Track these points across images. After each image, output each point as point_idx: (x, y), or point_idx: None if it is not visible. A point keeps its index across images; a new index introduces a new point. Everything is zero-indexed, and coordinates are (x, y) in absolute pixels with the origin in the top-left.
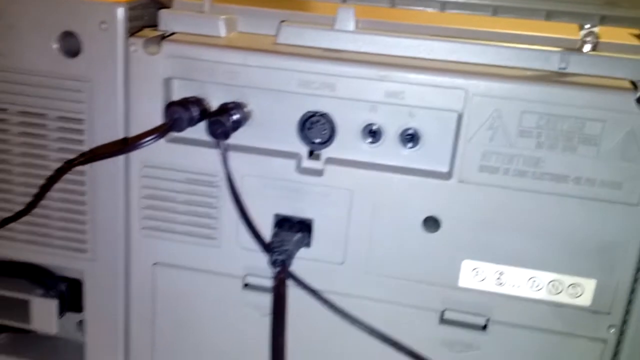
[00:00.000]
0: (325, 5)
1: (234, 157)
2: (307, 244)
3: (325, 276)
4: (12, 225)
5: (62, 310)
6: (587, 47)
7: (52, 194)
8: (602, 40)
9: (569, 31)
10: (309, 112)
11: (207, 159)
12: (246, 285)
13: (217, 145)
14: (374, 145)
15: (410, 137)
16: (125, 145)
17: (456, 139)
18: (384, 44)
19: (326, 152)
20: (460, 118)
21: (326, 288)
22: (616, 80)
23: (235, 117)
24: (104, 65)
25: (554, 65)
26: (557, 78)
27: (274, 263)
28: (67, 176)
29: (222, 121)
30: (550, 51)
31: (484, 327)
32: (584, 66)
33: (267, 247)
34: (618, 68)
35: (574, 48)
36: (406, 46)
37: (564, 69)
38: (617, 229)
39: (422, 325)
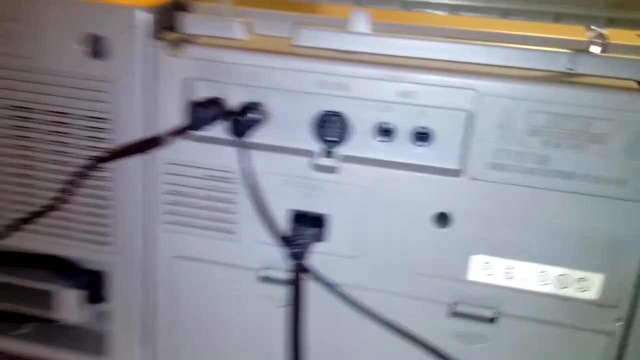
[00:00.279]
0: (339, 8)
1: (253, 155)
2: (322, 239)
3: (339, 269)
4: (39, 219)
5: (86, 301)
6: (594, 49)
7: (79, 189)
8: (609, 41)
9: (576, 33)
10: (324, 111)
11: (227, 156)
12: (262, 277)
13: (236, 144)
14: (386, 143)
15: (422, 136)
16: (149, 143)
17: (466, 138)
18: (397, 45)
19: (341, 150)
20: (470, 117)
21: (340, 281)
22: (623, 80)
23: (254, 116)
24: (128, 66)
25: (562, 66)
26: (565, 79)
27: (290, 256)
28: (93, 172)
29: (242, 120)
30: (559, 52)
31: (493, 320)
32: (591, 67)
33: (284, 241)
34: (625, 69)
35: (581, 49)
36: (418, 47)
37: (572, 69)
38: (623, 225)
39: (432, 318)
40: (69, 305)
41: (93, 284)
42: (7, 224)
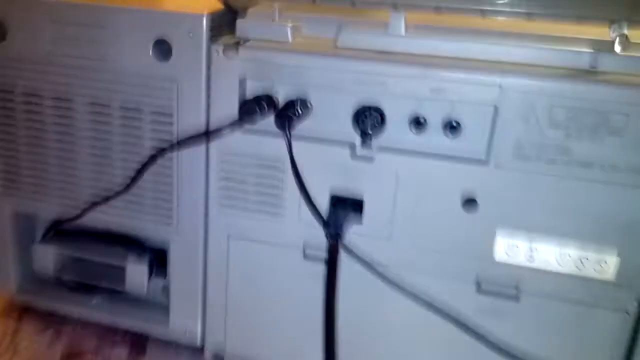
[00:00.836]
0: (378, 12)
1: (298, 146)
2: (359, 221)
3: (374, 249)
4: (111, 201)
5: (151, 275)
6: (616, 48)
7: (145, 175)
8: (629, 41)
9: (599, 33)
10: (362, 106)
11: (275, 147)
12: (306, 255)
13: (283, 136)
14: (419, 135)
15: (452, 128)
16: (207, 135)
17: (493, 130)
18: (430, 46)
19: (377, 141)
20: (496, 111)
21: (375, 259)
22: None
23: (299, 111)
24: (190, 67)
25: (585, 63)
26: (586, 76)
27: (329, 236)
28: (159, 160)
29: (288, 115)
30: (582, 51)
31: (517, 298)
32: (612, 64)
33: (325, 222)
34: None
35: (603, 48)
36: (450, 48)
37: (595, 67)
38: (638, 210)
39: (460, 295)
40: (136, 278)
41: (157, 260)
42: (84, 205)
